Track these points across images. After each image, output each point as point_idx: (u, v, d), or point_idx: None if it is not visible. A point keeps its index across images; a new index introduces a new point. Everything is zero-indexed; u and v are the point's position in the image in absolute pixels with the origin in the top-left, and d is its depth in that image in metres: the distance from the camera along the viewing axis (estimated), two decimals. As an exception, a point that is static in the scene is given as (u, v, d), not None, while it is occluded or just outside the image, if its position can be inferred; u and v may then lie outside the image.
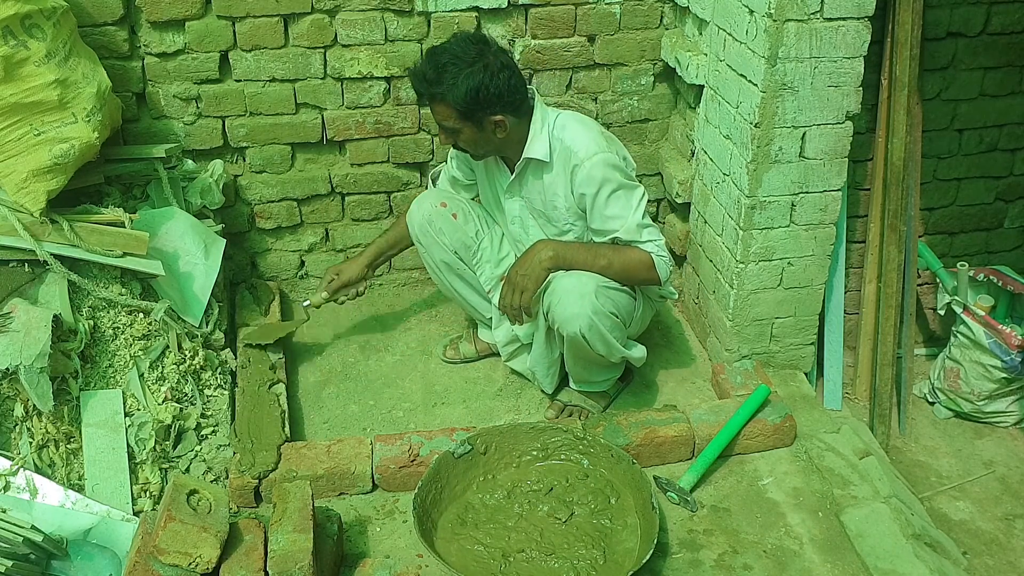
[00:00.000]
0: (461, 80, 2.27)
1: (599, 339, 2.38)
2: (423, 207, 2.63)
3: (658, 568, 2.17)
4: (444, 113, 2.34)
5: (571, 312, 2.34)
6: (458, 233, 2.62)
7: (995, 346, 2.83)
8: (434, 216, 2.60)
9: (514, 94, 2.35)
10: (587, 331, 2.35)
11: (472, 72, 2.27)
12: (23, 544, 1.94)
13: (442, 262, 2.66)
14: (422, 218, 2.61)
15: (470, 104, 2.29)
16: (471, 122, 2.34)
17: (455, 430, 2.46)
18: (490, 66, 2.29)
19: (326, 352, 2.95)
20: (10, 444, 2.16)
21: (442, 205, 2.62)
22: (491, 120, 2.34)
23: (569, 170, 2.40)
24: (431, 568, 2.15)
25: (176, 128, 2.85)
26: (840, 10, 2.31)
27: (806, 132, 2.47)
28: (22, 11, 2.21)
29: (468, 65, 2.28)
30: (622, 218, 2.38)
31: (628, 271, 2.41)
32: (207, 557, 1.87)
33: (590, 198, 2.38)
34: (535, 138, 2.41)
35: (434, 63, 2.31)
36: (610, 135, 2.51)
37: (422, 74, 2.32)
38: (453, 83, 2.27)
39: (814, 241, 2.63)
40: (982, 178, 3.15)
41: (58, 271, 2.29)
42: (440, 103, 2.33)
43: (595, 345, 2.39)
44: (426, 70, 2.32)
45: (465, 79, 2.27)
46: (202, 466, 2.36)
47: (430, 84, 2.30)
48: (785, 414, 2.53)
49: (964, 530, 2.64)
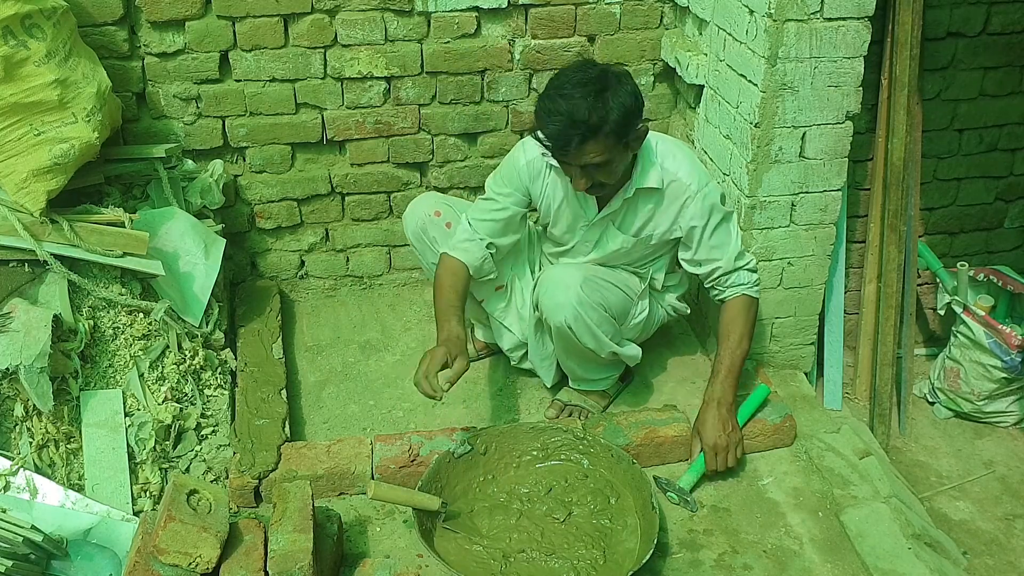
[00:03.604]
0: (612, 102, 2.13)
1: (586, 331, 2.38)
2: (417, 214, 2.59)
3: (658, 568, 2.17)
4: (599, 148, 2.16)
5: (556, 302, 2.35)
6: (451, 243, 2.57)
7: (995, 346, 2.83)
8: (428, 225, 2.57)
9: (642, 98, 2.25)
10: (572, 322, 2.35)
11: (616, 90, 2.16)
12: (23, 544, 1.94)
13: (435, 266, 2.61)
14: (416, 225, 2.59)
15: (628, 123, 2.17)
16: (622, 144, 2.20)
17: (455, 430, 2.46)
18: (621, 76, 2.21)
19: (326, 352, 2.95)
20: (10, 444, 2.16)
21: (436, 214, 2.58)
22: (636, 134, 2.23)
23: (679, 203, 2.39)
24: (431, 568, 2.15)
25: (176, 128, 2.85)
26: (840, 10, 2.31)
27: (806, 132, 2.47)
28: (22, 11, 2.21)
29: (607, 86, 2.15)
30: (724, 247, 2.43)
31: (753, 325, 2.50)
32: (207, 557, 1.87)
33: (699, 230, 2.40)
34: (644, 168, 2.35)
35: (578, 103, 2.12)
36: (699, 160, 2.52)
37: (573, 115, 2.11)
38: (605, 111, 2.12)
39: (814, 241, 2.63)
40: (982, 178, 3.16)
41: (58, 271, 2.29)
42: (599, 139, 2.15)
43: (582, 338, 2.39)
44: (575, 111, 2.11)
45: (616, 98, 2.14)
46: (202, 466, 2.36)
47: (586, 122, 2.11)
48: (785, 414, 2.53)
49: (964, 530, 2.64)
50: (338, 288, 3.25)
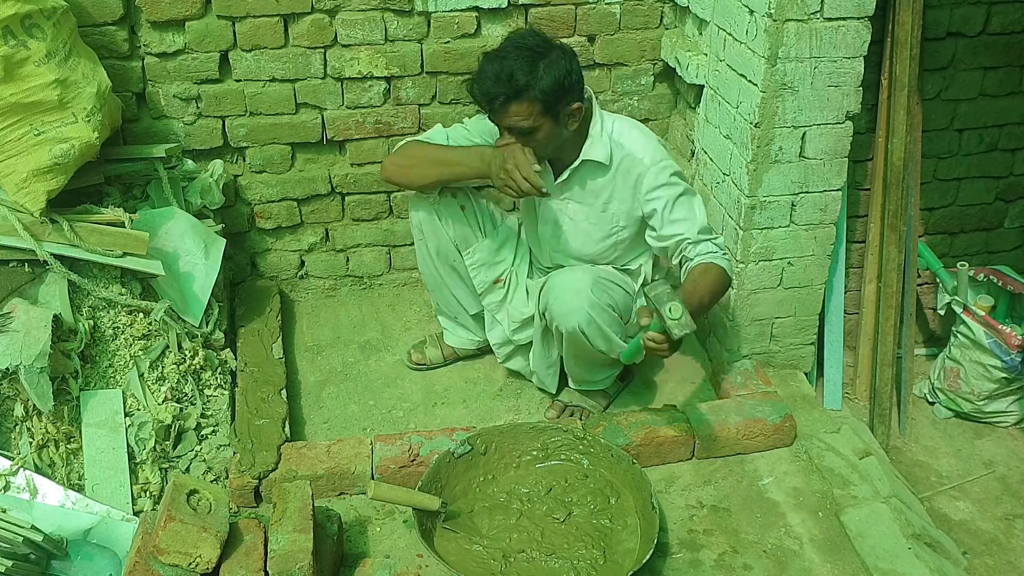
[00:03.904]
0: (543, 69, 2.20)
1: (598, 334, 2.38)
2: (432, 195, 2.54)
3: (658, 568, 2.17)
4: (524, 112, 2.23)
5: (568, 307, 2.35)
6: (462, 226, 2.57)
7: (995, 346, 2.83)
8: (442, 206, 2.54)
9: (583, 80, 2.32)
10: (586, 326, 2.35)
11: (552, 60, 2.22)
12: (23, 544, 1.94)
13: (438, 252, 2.61)
14: (430, 206, 2.54)
15: (556, 94, 2.22)
16: (550, 115, 2.26)
17: (455, 430, 2.46)
18: (566, 51, 2.26)
19: (326, 352, 2.95)
20: (10, 444, 2.16)
21: (451, 195, 2.56)
22: (568, 110, 2.29)
23: (633, 177, 2.40)
24: (431, 568, 2.15)
25: (176, 128, 2.85)
26: (840, 10, 2.31)
27: (806, 132, 2.47)
28: (22, 11, 2.21)
29: (544, 55, 2.23)
30: (688, 221, 2.37)
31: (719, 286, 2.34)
32: (207, 557, 1.87)
33: (660, 203, 2.37)
34: (595, 140, 2.39)
35: (508, 60, 2.21)
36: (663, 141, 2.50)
37: (499, 74, 2.20)
38: (533, 74, 2.19)
39: (814, 241, 2.63)
40: (982, 178, 3.15)
41: (58, 271, 2.29)
42: (522, 102, 2.21)
43: (594, 340, 2.39)
44: (502, 68, 2.20)
45: (548, 68, 2.20)
46: (202, 466, 2.36)
47: (510, 81, 2.18)
48: (785, 414, 2.53)
49: (964, 530, 2.65)
50: (338, 288, 3.25)
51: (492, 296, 2.66)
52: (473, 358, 2.88)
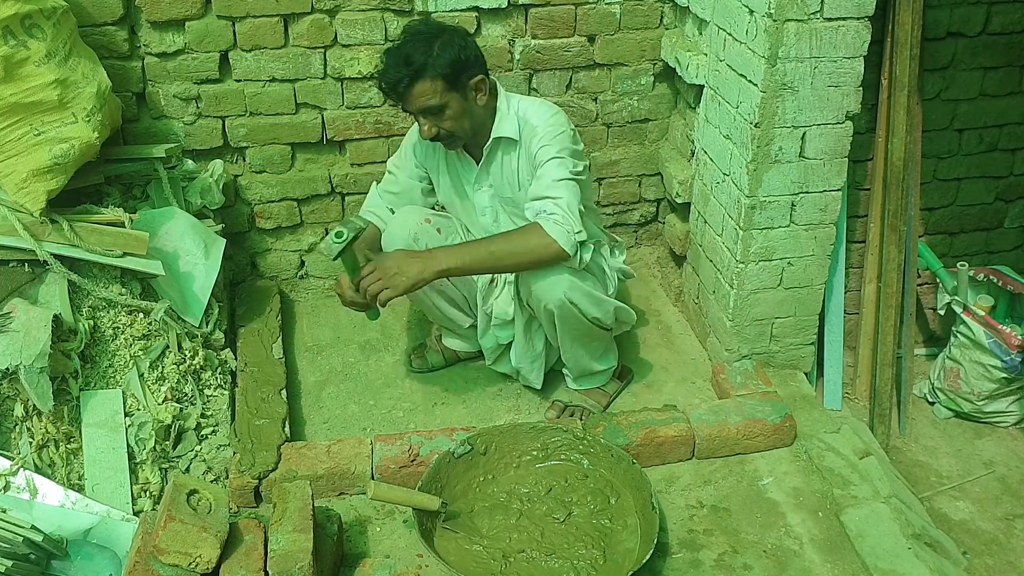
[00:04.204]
0: (438, 47, 2.29)
1: (586, 298, 2.38)
2: (408, 224, 2.56)
3: (658, 568, 2.17)
4: (429, 90, 2.30)
5: (549, 281, 2.34)
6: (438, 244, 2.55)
7: (995, 346, 2.84)
8: (420, 233, 2.55)
9: (482, 57, 2.39)
10: (571, 292, 2.34)
11: (446, 39, 2.31)
12: (23, 544, 1.94)
13: None
14: (408, 235, 2.54)
15: (454, 68, 2.30)
16: (456, 91, 2.33)
17: (455, 430, 2.46)
18: (458, 31, 2.36)
19: (326, 352, 2.95)
20: (10, 444, 2.16)
21: (426, 221, 2.58)
22: (473, 83, 2.35)
23: (529, 141, 2.42)
24: (431, 568, 2.15)
25: (176, 128, 2.85)
26: (840, 10, 2.32)
27: (806, 132, 2.47)
28: (22, 11, 2.21)
29: (437, 35, 2.31)
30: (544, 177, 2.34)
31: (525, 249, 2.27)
32: (207, 557, 1.87)
33: (541, 160, 2.36)
34: (503, 118, 2.44)
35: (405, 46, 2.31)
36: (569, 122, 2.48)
37: (399, 59, 2.30)
38: (429, 53, 2.28)
39: (814, 241, 2.63)
40: (982, 178, 3.16)
41: (58, 271, 2.29)
42: (423, 80, 2.29)
43: (584, 307, 2.39)
44: (400, 54, 2.30)
45: (443, 46, 2.30)
46: (202, 466, 2.36)
47: (410, 63, 2.28)
48: (785, 414, 2.53)
49: (964, 530, 2.65)
50: (338, 288, 3.25)
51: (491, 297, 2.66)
52: (473, 359, 2.89)
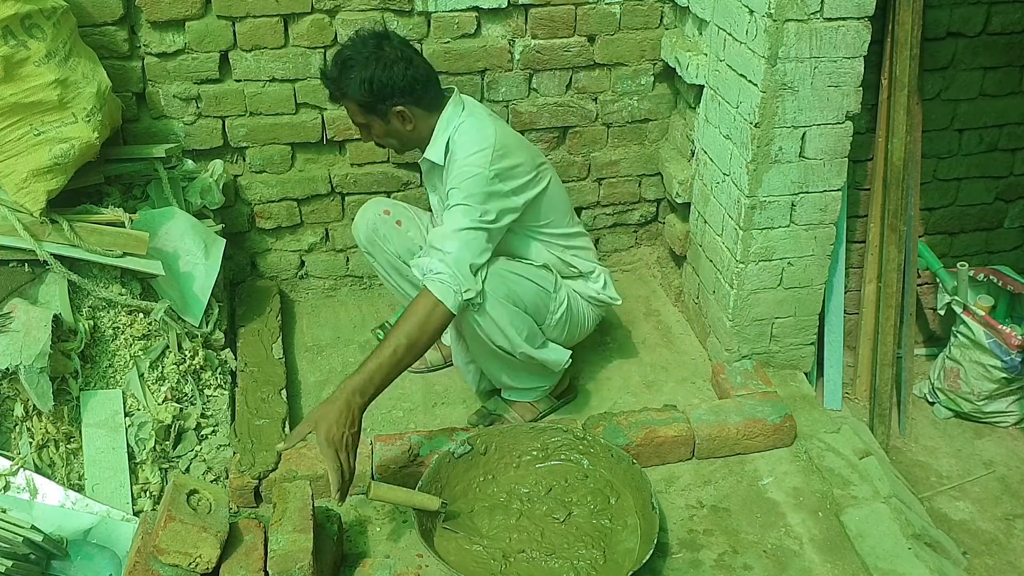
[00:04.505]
0: (354, 74, 2.30)
1: (493, 327, 2.33)
2: (367, 216, 2.65)
3: (658, 568, 2.17)
4: (351, 109, 2.39)
5: None
6: (402, 239, 2.63)
7: (995, 346, 2.83)
8: (378, 224, 2.63)
9: (413, 85, 2.34)
10: (478, 314, 2.30)
11: (365, 65, 2.30)
12: (23, 544, 1.94)
13: (390, 266, 2.66)
14: (367, 227, 2.64)
15: (368, 96, 2.31)
16: (375, 115, 2.36)
17: (455, 430, 2.46)
18: (384, 58, 2.31)
19: (326, 352, 2.95)
20: (10, 444, 2.16)
21: (385, 213, 2.65)
22: (394, 112, 2.35)
23: (449, 170, 2.37)
24: (431, 568, 2.15)
25: (176, 128, 2.85)
26: (840, 10, 2.32)
27: (806, 132, 2.47)
28: (22, 11, 2.21)
29: (364, 62, 2.31)
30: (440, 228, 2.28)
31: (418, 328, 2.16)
32: (207, 557, 1.87)
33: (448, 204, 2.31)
34: (435, 140, 2.42)
35: (335, 62, 2.37)
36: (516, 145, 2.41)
37: (325, 74, 2.40)
38: (349, 80, 2.31)
39: (814, 241, 2.63)
40: (982, 178, 3.16)
41: (58, 271, 2.29)
42: (345, 99, 2.37)
43: (491, 334, 2.34)
44: (329, 70, 2.39)
45: (358, 72, 2.30)
46: (202, 466, 2.36)
47: (332, 82, 2.36)
48: (785, 414, 2.53)
49: (964, 530, 2.65)
50: (338, 288, 3.25)
51: None
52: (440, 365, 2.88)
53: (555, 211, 2.53)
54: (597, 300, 2.63)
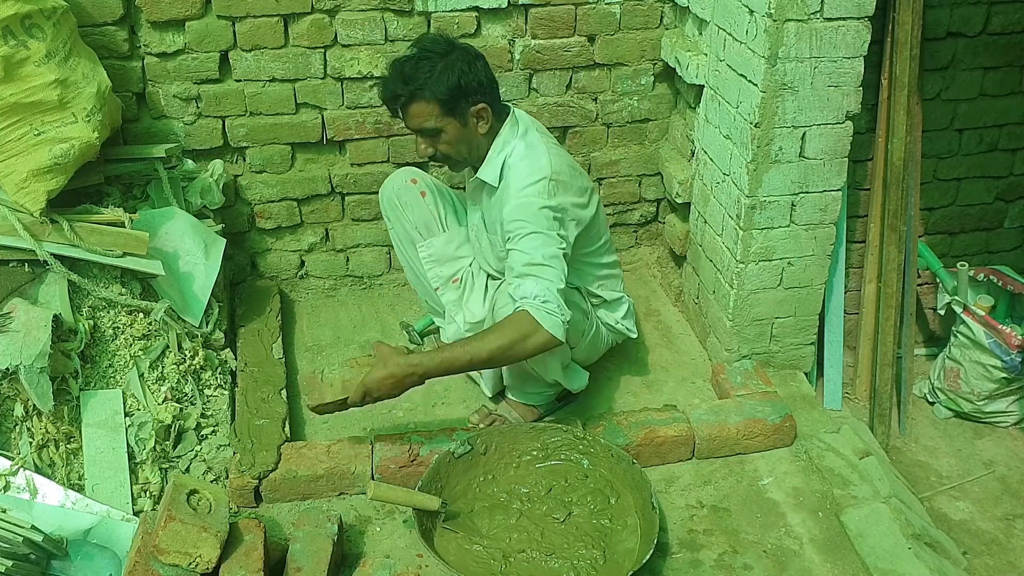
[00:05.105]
0: (440, 70, 2.22)
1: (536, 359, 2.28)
2: (395, 181, 2.66)
3: (658, 568, 2.17)
4: (425, 112, 2.26)
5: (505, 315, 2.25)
6: (423, 211, 2.64)
7: (995, 346, 2.83)
8: (403, 191, 2.64)
9: (492, 84, 2.32)
10: None
11: (450, 61, 2.24)
12: (23, 544, 1.94)
13: (406, 236, 2.67)
14: (392, 191, 2.65)
15: (453, 93, 2.23)
16: (454, 116, 2.28)
17: (455, 430, 2.46)
18: (466, 54, 2.28)
19: (326, 352, 2.95)
20: (10, 444, 2.16)
21: (412, 181, 2.64)
22: (473, 111, 2.28)
23: (503, 196, 2.33)
24: (431, 568, 2.15)
25: (176, 128, 2.85)
26: (840, 10, 2.32)
27: (806, 132, 2.47)
28: (22, 11, 2.21)
29: (444, 56, 2.25)
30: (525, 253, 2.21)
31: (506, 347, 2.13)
32: (207, 557, 1.88)
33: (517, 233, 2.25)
34: (491, 160, 2.37)
35: (409, 63, 2.26)
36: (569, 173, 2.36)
37: (399, 75, 2.26)
38: (431, 75, 2.22)
39: (814, 241, 2.63)
40: (982, 178, 3.15)
41: (58, 271, 2.29)
42: (420, 101, 2.25)
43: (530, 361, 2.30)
44: (403, 70, 2.26)
45: (445, 68, 2.23)
46: (202, 466, 2.36)
47: (409, 82, 2.24)
48: (785, 414, 2.53)
49: (964, 530, 2.64)
50: (338, 288, 3.25)
51: (449, 294, 2.67)
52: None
53: (594, 239, 2.51)
54: (615, 329, 2.64)
